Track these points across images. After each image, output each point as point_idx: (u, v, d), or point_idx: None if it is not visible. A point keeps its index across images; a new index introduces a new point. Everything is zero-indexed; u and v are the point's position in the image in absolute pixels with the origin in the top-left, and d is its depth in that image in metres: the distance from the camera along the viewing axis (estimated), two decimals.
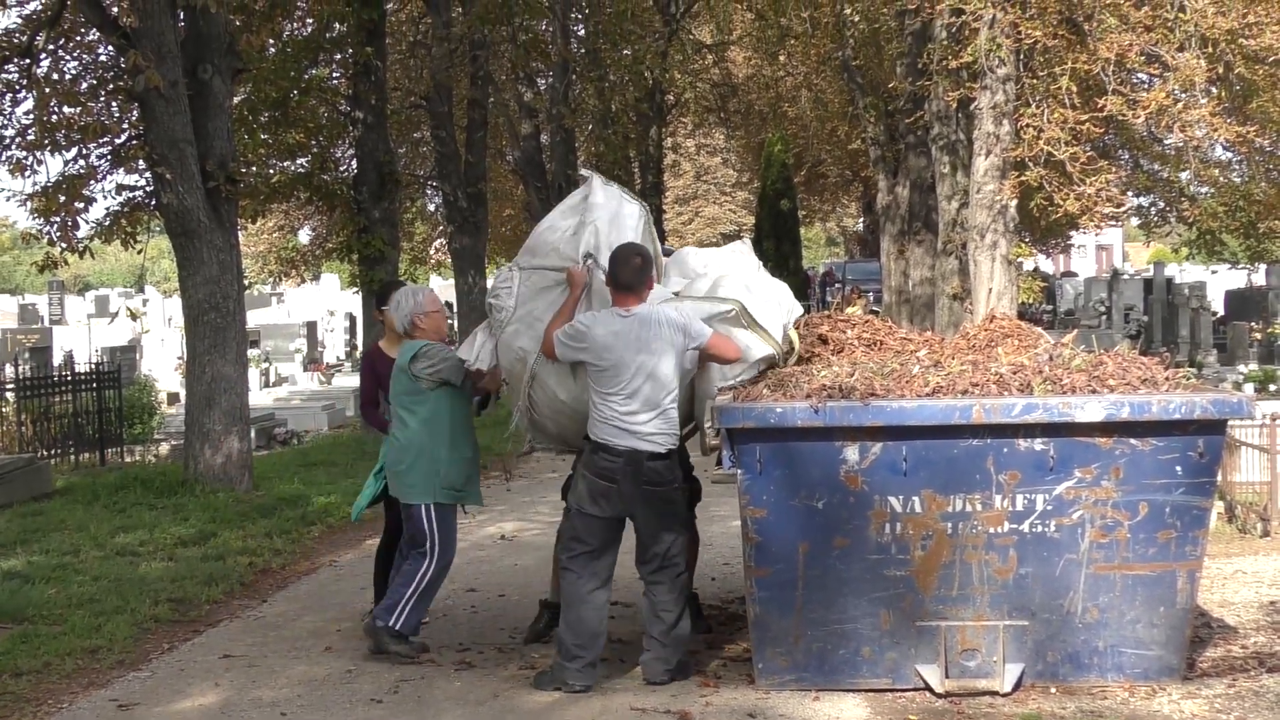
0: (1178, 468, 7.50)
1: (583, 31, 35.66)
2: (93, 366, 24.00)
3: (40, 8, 17.49)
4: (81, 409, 21.90)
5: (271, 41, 20.88)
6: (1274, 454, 12.81)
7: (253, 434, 17.18)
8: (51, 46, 17.16)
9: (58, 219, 16.03)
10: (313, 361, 38.49)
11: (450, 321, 46.63)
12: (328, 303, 48.28)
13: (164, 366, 34.67)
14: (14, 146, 16.96)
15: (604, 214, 8.71)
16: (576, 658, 8.27)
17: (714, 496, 12.98)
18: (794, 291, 9.49)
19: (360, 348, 30.22)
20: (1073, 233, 41.23)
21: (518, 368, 8.74)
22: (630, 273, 8.24)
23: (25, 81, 16.65)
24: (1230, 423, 8.49)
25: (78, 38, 18.04)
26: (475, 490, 9.53)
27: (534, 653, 9.23)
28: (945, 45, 20.55)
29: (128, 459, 22.01)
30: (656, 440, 8.14)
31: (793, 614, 7.78)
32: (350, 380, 31.22)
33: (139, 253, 19.64)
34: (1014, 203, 18.88)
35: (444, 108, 27.96)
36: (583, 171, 9.95)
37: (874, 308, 30.76)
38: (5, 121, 17.57)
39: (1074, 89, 17.79)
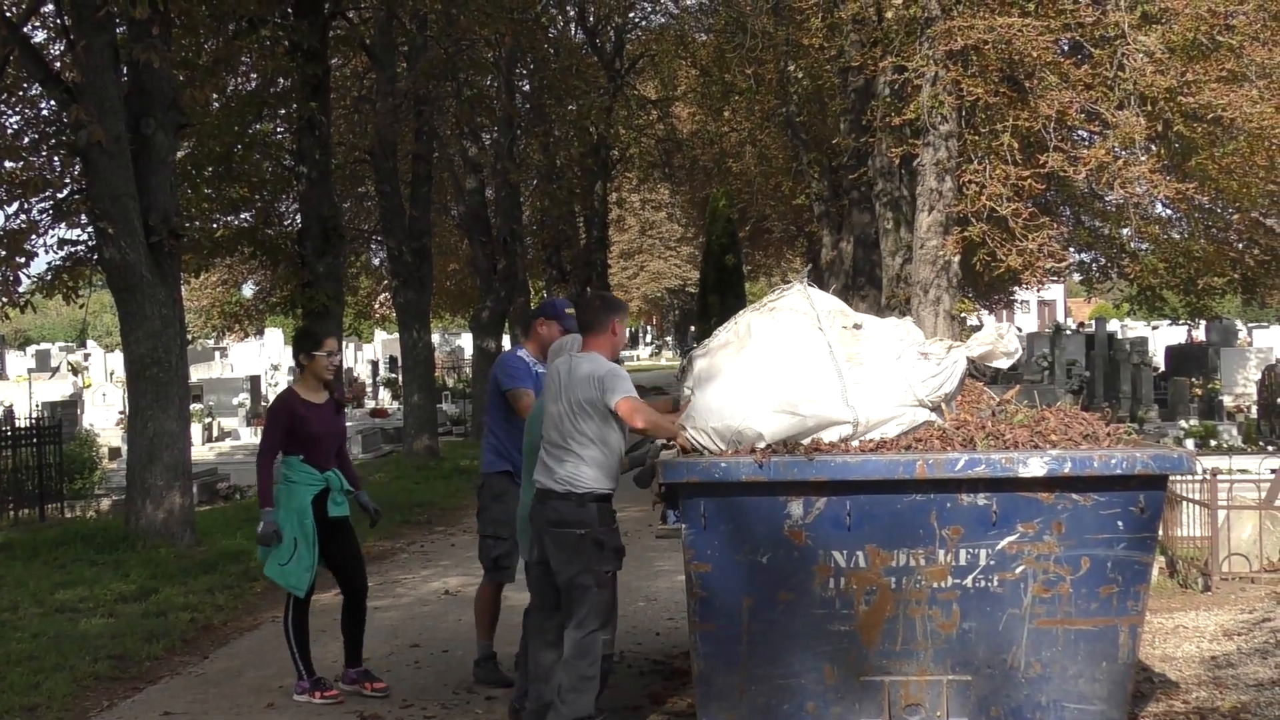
0: (1119, 523, 7.52)
1: (527, 87, 35.80)
2: (33, 421, 23.82)
3: None
4: (21, 464, 21.72)
5: (215, 96, 20.87)
6: (1214, 509, 12.88)
7: (195, 489, 17.09)
8: None
9: None
10: (256, 416, 38.22)
11: (394, 377, 46.65)
12: (271, 357, 48.12)
13: (105, 421, 34.47)
14: None
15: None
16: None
17: (659, 551, 13.02)
18: None
19: None
20: (1015, 288, 41.50)
21: None
22: (588, 313, 8.33)
23: None
24: (1171, 478, 8.54)
25: (20, 92, 17.98)
26: None
27: (477, 708, 9.19)
28: (888, 102, 20.72)
29: (68, 514, 21.85)
30: (562, 480, 8.06)
31: (737, 669, 7.76)
32: None
33: (81, 307, 19.53)
34: (957, 258, 19.00)
35: (388, 162, 27.99)
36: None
37: None
38: None
39: (1015, 146, 17.95)
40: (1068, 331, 44.37)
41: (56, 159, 17.56)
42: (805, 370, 7.85)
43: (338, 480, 9.74)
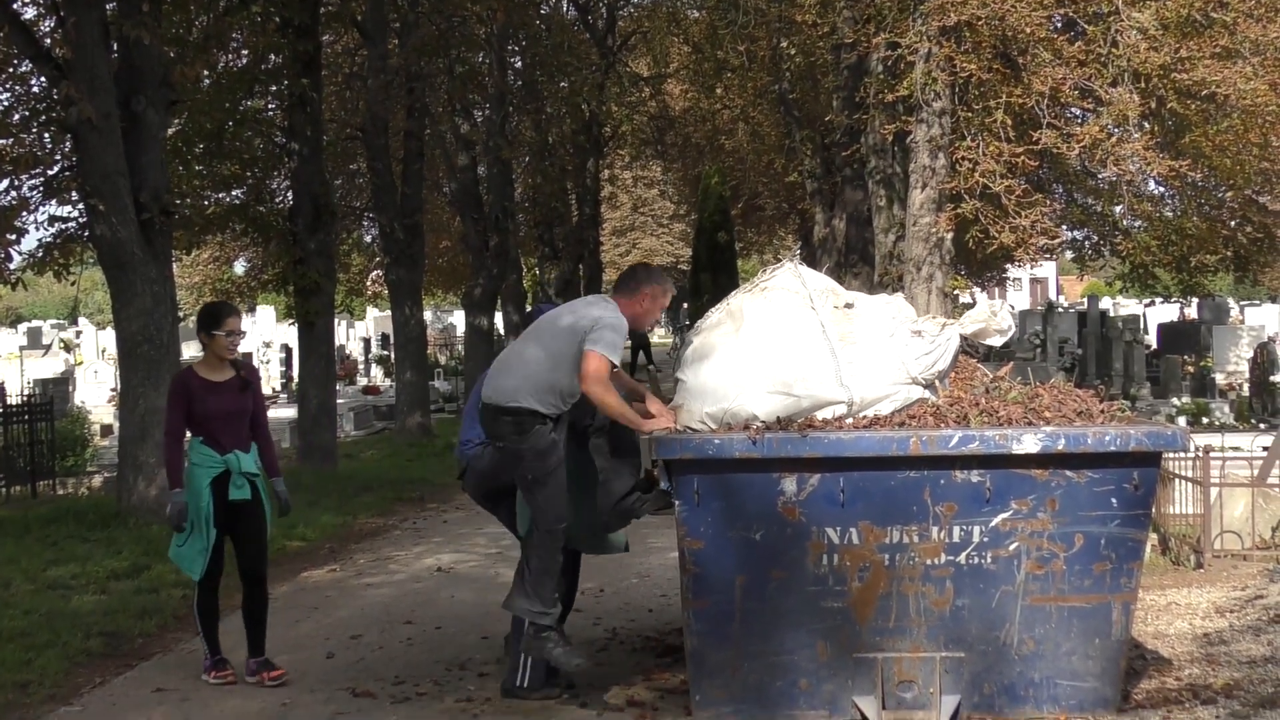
0: (1113, 500, 7.52)
1: (519, 64, 35.68)
2: (25, 399, 23.80)
3: None
4: (13, 441, 21.70)
5: (206, 73, 20.78)
6: (1207, 486, 12.88)
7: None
8: None
9: None
10: None
11: (386, 354, 46.58)
12: (263, 334, 48.07)
13: (97, 399, 34.44)
14: None
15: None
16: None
17: (652, 528, 13.00)
18: None
19: (296, 379, 29.81)
20: (1008, 265, 41.46)
21: None
22: (624, 276, 8.44)
23: None
24: (1164, 455, 8.54)
25: (10, 69, 17.91)
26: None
27: (470, 685, 9.16)
28: (881, 79, 20.66)
29: (60, 491, 21.83)
30: (487, 394, 8.27)
31: (730, 646, 7.76)
32: (287, 411, 30.79)
33: (72, 284, 19.52)
34: (950, 235, 18.94)
35: (380, 139, 27.93)
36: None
37: None
38: None
39: (1009, 123, 17.89)
40: (1060, 309, 44.38)
41: (47, 136, 17.50)
42: (799, 350, 7.83)
43: (238, 463, 9.54)
